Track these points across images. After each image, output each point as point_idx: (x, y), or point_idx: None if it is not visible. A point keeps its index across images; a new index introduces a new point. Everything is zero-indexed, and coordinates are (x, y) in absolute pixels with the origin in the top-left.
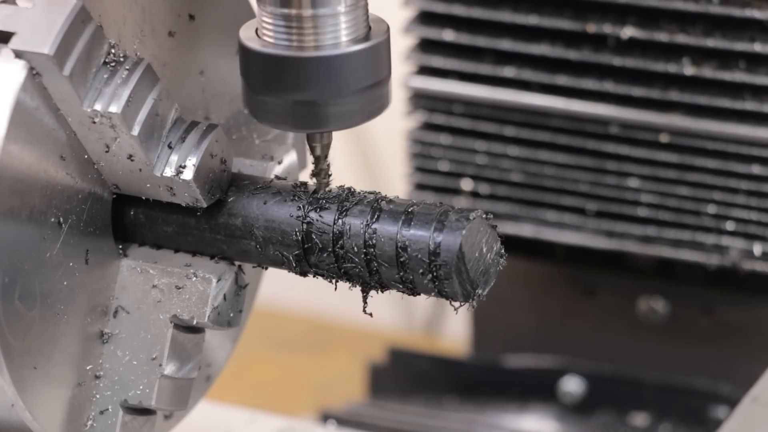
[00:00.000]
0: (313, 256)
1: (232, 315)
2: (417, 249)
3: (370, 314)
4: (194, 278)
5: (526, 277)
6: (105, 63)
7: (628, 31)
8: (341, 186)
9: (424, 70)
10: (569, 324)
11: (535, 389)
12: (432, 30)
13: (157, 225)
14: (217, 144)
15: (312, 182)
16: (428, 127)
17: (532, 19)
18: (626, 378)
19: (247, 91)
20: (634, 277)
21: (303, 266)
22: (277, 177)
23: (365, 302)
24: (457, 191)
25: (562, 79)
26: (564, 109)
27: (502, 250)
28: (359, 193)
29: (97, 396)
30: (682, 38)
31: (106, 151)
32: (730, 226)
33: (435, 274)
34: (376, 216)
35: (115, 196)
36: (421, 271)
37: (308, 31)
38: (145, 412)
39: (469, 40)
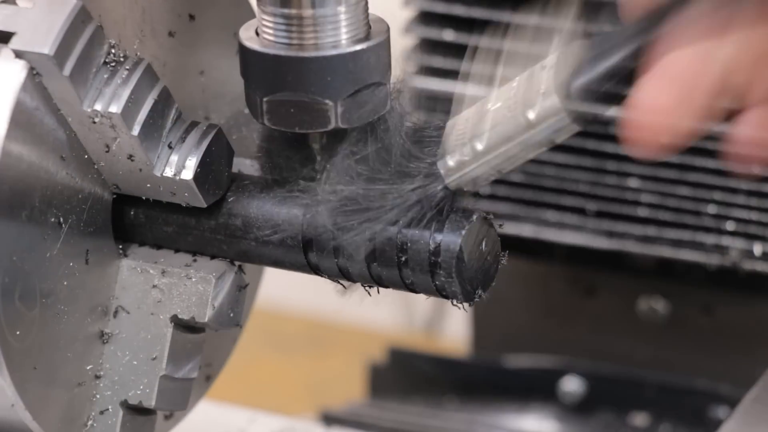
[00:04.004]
0: (313, 255)
1: (232, 315)
2: (417, 249)
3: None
4: (194, 278)
5: (526, 277)
6: (105, 63)
7: None
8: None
9: (424, 70)
10: (569, 324)
11: (535, 389)
12: (432, 30)
13: (157, 225)
14: (217, 144)
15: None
16: None
17: (532, 20)
18: (626, 378)
19: (248, 91)
20: (634, 277)
21: (303, 266)
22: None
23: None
24: None
25: None
26: None
27: (502, 250)
28: None
29: (97, 396)
30: None
31: (107, 151)
32: (730, 226)
33: (435, 274)
34: None
35: (115, 196)
36: (421, 271)
37: (308, 30)
38: (145, 412)
39: (469, 40)
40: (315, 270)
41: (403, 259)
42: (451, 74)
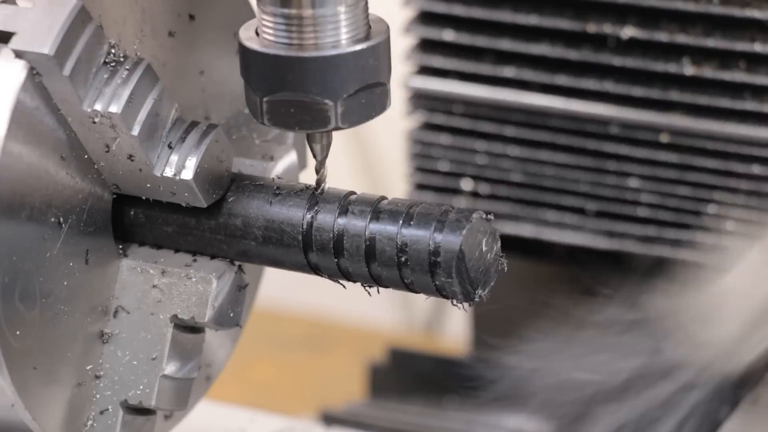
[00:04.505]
0: (313, 255)
1: (232, 315)
2: (417, 249)
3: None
4: (194, 278)
5: (526, 277)
6: (105, 63)
7: (628, 31)
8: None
9: (424, 70)
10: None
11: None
12: (432, 30)
13: (157, 225)
14: (217, 144)
15: (312, 182)
16: (428, 127)
17: (532, 19)
18: None
19: (248, 91)
20: (634, 277)
21: (303, 266)
22: (277, 177)
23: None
24: (457, 191)
25: (562, 79)
26: (564, 109)
27: (502, 250)
28: (359, 193)
29: (97, 396)
30: (682, 38)
31: (106, 151)
32: (730, 226)
33: (435, 274)
34: (376, 216)
35: (115, 196)
36: (421, 271)
37: (308, 30)
38: (145, 412)
39: (469, 40)
40: (315, 270)
41: (403, 259)
42: (451, 74)
